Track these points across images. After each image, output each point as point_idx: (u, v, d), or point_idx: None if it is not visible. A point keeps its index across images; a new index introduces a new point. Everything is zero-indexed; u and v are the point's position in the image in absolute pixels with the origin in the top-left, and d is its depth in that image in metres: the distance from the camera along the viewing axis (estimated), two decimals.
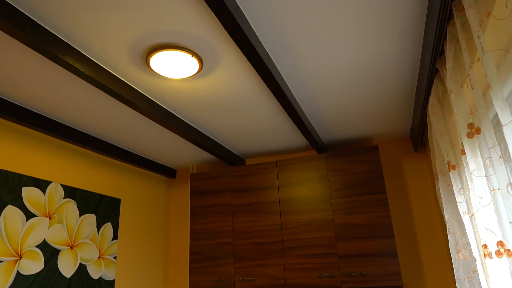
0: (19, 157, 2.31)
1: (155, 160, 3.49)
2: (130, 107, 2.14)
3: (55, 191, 2.49)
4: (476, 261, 1.66)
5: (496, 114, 1.51)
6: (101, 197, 2.86)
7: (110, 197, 2.96)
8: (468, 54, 1.35)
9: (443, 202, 1.95)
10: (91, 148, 2.76)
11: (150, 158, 3.40)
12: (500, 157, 1.22)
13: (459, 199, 1.73)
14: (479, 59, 1.30)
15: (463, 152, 1.55)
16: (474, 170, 1.44)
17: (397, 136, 3.16)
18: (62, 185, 2.55)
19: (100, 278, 2.72)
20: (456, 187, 1.75)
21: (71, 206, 2.59)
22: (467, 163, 1.51)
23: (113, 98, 2.20)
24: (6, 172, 2.19)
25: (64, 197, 2.55)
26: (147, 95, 2.19)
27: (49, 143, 2.53)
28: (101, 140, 2.84)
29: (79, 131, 2.65)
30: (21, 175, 2.27)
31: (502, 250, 1.31)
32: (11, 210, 2.17)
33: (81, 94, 2.14)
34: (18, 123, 2.26)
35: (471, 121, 1.43)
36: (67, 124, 2.55)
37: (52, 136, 2.51)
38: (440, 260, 2.81)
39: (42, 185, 2.40)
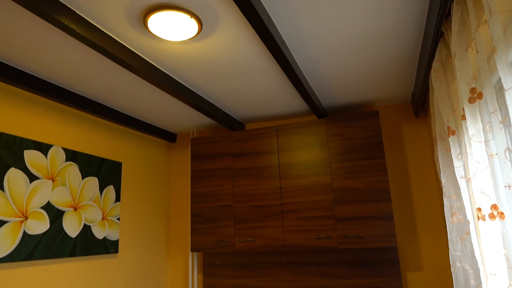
0: (19, 121, 2.31)
1: (155, 125, 3.49)
2: (128, 69, 2.11)
3: (57, 154, 2.51)
4: (469, 223, 1.70)
5: (499, 79, 1.49)
6: (103, 160, 2.89)
7: (112, 160, 2.99)
8: (475, 17, 1.31)
9: (440, 167, 1.97)
10: (91, 112, 2.75)
11: (150, 122, 3.40)
12: (500, 122, 1.22)
13: (457, 164, 1.75)
14: (485, 22, 1.27)
15: (463, 118, 1.55)
16: (473, 135, 1.44)
17: (398, 101, 3.14)
18: (63, 148, 2.57)
19: (105, 238, 2.80)
20: (454, 152, 1.77)
21: (73, 169, 2.63)
22: (466, 128, 1.51)
23: (110, 61, 2.17)
24: (7, 135, 2.20)
25: (66, 160, 2.58)
26: (145, 58, 2.16)
27: (48, 107, 2.52)
28: (101, 104, 2.83)
29: (79, 94, 2.63)
30: (22, 138, 2.28)
31: (495, 213, 1.34)
32: (14, 172, 2.20)
33: (79, 57, 2.11)
34: (17, 86, 2.25)
35: (473, 86, 1.42)
36: (67, 88, 2.52)
37: (51, 100, 2.50)
38: (434, 223, 2.89)
39: (43, 148, 2.41)
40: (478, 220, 1.56)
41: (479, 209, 1.53)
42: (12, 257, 2.12)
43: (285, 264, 3.13)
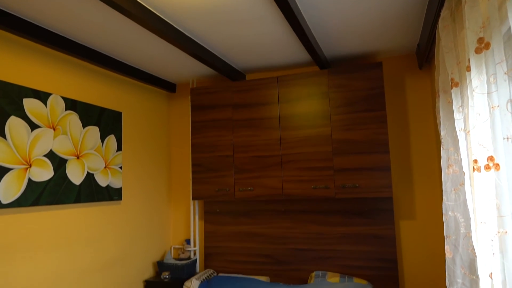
0: (17, 68, 2.27)
1: (154, 74, 3.43)
2: (125, 15, 2.03)
3: (56, 103, 2.50)
4: (464, 175, 1.74)
5: (509, 29, 1.44)
6: (102, 110, 2.89)
7: (112, 110, 2.98)
8: None
9: (441, 119, 1.98)
10: (89, 61, 2.69)
11: (149, 71, 3.34)
12: (505, 73, 1.20)
13: (457, 116, 1.75)
14: None
15: (468, 69, 1.52)
16: (476, 87, 1.43)
17: (403, 52, 3.06)
18: (62, 97, 2.55)
19: (108, 185, 2.88)
20: (456, 104, 1.76)
21: (74, 118, 2.63)
22: (470, 80, 1.49)
23: (109, 7, 2.08)
24: (5, 83, 2.17)
25: (66, 109, 2.57)
26: (143, 3, 2.07)
27: (46, 55, 2.46)
28: (99, 52, 2.76)
29: (77, 42, 2.56)
30: (20, 87, 2.26)
31: (491, 165, 1.37)
32: (14, 121, 2.20)
33: (78, 4, 2.02)
34: (14, 34, 2.19)
35: (481, 36, 1.38)
36: (65, 36, 2.45)
37: (49, 48, 2.43)
38: (430, 175, 2.95)
39: (42, 96, 2.40)
40: (474, 171, 1.60)
41: (475, 161, 1.56)
42: (19, 203, 2.19)
43: (283, 212, 3.25)
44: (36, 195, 2.30)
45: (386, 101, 3.11)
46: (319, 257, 3.09)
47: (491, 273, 1.53)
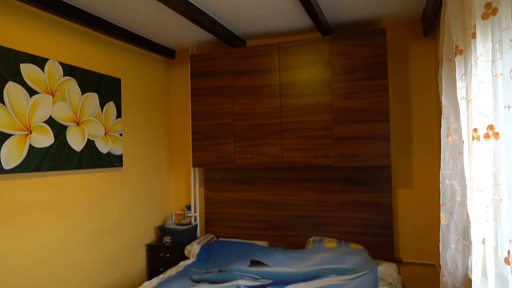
0: (12, 32, 2.22)
1: (153, 40, 3.35)
2: None
3: (54, 68, 2.46)
4: (463, 144, 1.75)
5: None
6: (101, 76, 2.85)
7: (110, 76, 2.94)
8: None
9: (443, 88, 1.96)
10: (87, 25, 2.62)
11: (148, 37, 3.26)
12: (510, 40, 1.18)
13: (460, 84, 1.74)
14: None
15: (473, 36, 1.49)
16: (481, 54, 1.40)
17: (407, 18, 2.98)
18: (60, 62, 2.51)
19: (109, 152, 2.90)
20: (459, 72, 1.74)
21: (72, 84, 2.60)
22: (475, 47, 1.46)
23: None
24: (1, 47, 2.13)
25: (64, 75, 2.54)
26: None
27: (42, 19, 2.40)
28: (96, 17, 2.69)
29: (73, 6, 2.48)
30: (17, 51, 2.21)
31: (490, 133, 1.37)
32: (12, 86, 2.18)
33: None
34: None
35: (489, 1, 1.34)
36: None
37: (45, 12, 2.37)
38: (429, 145, 2.96)
39: (39, 62, 2.36)
40: (473, 140, 1.60)
41: (475, 130, 1.56)
42: (21, 168, 2.22)
43: (282, 179, 3.29)
44: (37, 161, 2.32)
45: (388, 69, 3.07)
46: (317, 223, 3.16)
47: (484, 239, 1.57)
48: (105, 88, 2.89)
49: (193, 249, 3.10)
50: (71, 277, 2.55)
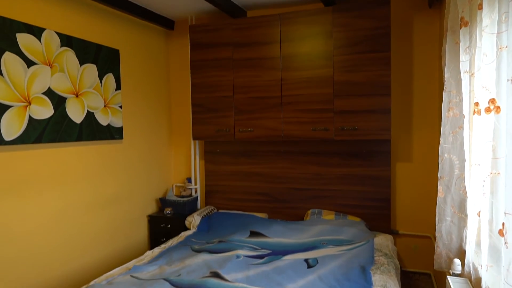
0: (7, 1, 2.16)
1: (152, 10, 3.27)
2: None
3: (51, 38, 2.42)
4: (464, 118, 1.74)
5: None
6: (99, 47, 2.80)
7: (108, 47, 2.89)
8: None
9: (446, 61, 1.93)
10: None
11: (146, 7, 3.18)
12: None
13: (463, 58, 1.71)
14: None
15: (479, 7, 1.45)
16: (486, 26, 1.37)
17: None
18: (57, 32, 2.46)
19: (109, 124, 2.89)
20: (463, 45, 1.71)
21: (70, 55, 2.56)
22: (481, 18, 1.43)
23: None
24: None
25: (61, 46, 2.49)
26: None
27: None
28: None
29: None
30: (12, 21, 2.17)
31: (491, 107, 1.36)
32: (10, 56, 2.15)
33: None
34: None
35: None
36: None
37: None
38: (430, 119, 2.95)
39: (35, 31, 2.31)
40: (474, 114, 1.60)
41: (477, 104, 1.55)
42: (22, 140, 2.22)
43: (282, 153, 3.30)
44: (38, 133, 2.33)
45: (391, 42, 3.01)
46: (316, 196, 3.21)
47: (479, 212, 1.60)
48: (104, 59, 2.85)
49: (194, 220, 3.16)
50: (75, 244, 2.62)
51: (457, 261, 1.76)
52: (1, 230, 2.13)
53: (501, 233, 1.26)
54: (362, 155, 3.06)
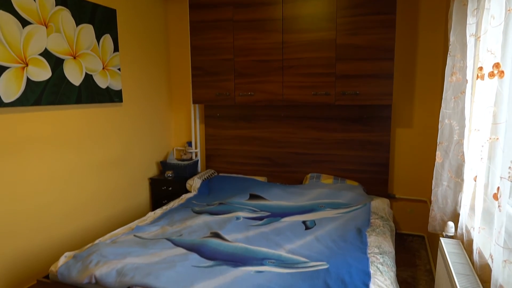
0: None
1: None
2: None
3: None
4: (467, 83, 1.73)
5: None
6: (95, 6, 2.71)
7: (105, 7, 2.80)
8: None
9: (452, 24, 1.88)
10: None
11: None
12: None
13: (470, 20, 1.67)
14: None
15: None
16: None
17: None
18: None
19: (108, 87, 2.87)
20: (471, 7, 1.66)
21: (66, 14, 2.49)
22: None
23: None
24: None
25: (56, 5, 2.41)
26: None
27: None
28: None
29: None
30: None
31: (495, 72, 1.34)
32: (3, 16, 2.09)
33: None
34: None
35: None
36: None
37: None
38: (432, 85, 2.92)
39: None
40: (477, 79, 1.58)
41: (480, 68, 1.53)
42: (21, 102, 2.21)
43: (282, 117, 3.30)
44: (37, 95, 2.31)
45: (397, 2, 2.91)
46: (315, 160, 3.24)
47: (476, 177, 1.63)
48: (100, 19, 2.77)
49: (195, 183, 3.21)
50: (78, 205, 2.68)
51: (450, 223, 1.80)
52: (4, 190, 2.17)
53: (495, 197, 1.28)
54: (363, 121, 3.06)
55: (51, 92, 2.41)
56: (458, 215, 1.85)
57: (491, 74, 1.38)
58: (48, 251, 2.46)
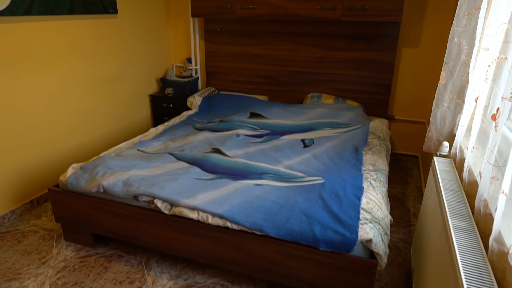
0: None
1: None
2: None
3: None
4: None
5: None
6: None
7: None
8: None
9: None
10: None
11: None
12: None
13: None
14: None
15: None
16: None
17: None
18: None
19: None
20: None
21: None
22: None
23: None
24: None
25: None
26: None
27: None
28: None
29: None
30: None
31: None
32: None
33: None
34: None
35: None
36: None
37: None
38: (445, 2, 2.74)
39: None
40: None
41: None
42: (11, 11, 2.09)
43: (285, 34, 3.16)
44: (27, 4, 2.18)
45: None
46: (317, 80, 3.19)
47: (477, 98, 1.62)
48: None
49: (195, 100, 3.21)
50: (80, 120, 2.72)
51: (445, 143, 1.85)
52: (5, 105, 2.18)
53: (493, 117, 1.29)
54: (369, 38, 2.94)
55: (42, 1, 2.27)
56: (454, 136, 1.89)
57: None
58: (56, 164, 2.56)
